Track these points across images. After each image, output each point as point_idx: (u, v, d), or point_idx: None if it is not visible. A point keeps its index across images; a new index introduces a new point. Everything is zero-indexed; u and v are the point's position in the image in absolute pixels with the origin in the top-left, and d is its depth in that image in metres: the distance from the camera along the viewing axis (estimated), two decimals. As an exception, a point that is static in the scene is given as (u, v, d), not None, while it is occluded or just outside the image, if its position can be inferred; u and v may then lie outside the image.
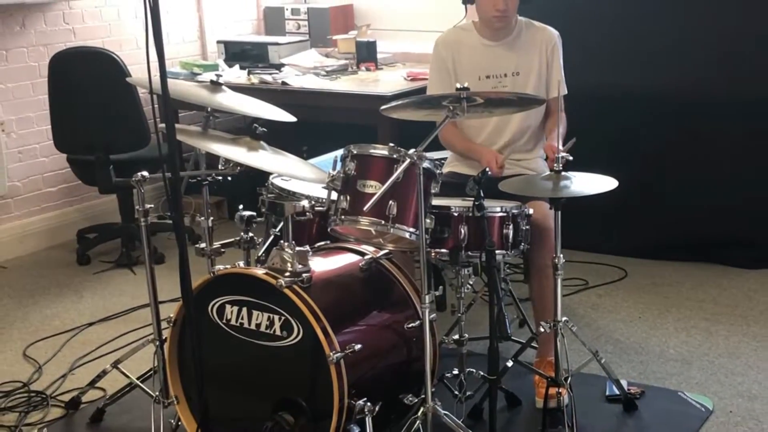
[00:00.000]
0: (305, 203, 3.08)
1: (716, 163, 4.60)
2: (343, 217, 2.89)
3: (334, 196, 2.92)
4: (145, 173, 3.09)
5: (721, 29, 4.53)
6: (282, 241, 2.92)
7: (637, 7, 4.72)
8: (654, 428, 3.19)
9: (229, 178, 3.18)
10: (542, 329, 3.17)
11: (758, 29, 4.46)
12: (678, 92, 4.60)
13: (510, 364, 3.27)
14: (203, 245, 3.17)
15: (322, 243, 3.20)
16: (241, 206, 3.23)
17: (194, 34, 6.01)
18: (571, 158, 3.06)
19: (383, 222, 2.83)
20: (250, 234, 3.18)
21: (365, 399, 2.76)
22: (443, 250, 3.02)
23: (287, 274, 2.81)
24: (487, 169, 3.00)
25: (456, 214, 3.00)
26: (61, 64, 4.80)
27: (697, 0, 4.60)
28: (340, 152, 2.96)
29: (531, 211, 3.18)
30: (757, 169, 4.54)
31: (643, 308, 4.18)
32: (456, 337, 3.18)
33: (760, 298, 4.24)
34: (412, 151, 2.78)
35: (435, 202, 2.94)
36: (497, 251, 3.03)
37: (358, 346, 2.76)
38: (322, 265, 3.00)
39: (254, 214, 3.20)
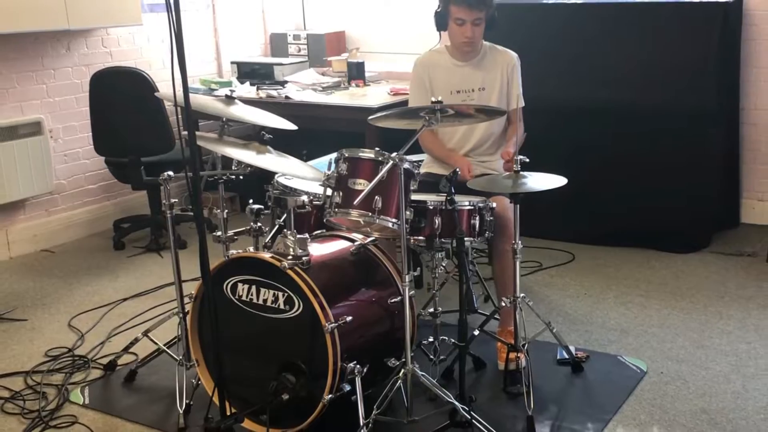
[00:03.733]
0: (305, 198, 3.06)
1: (651, 163, 4.60)
2: (336, 209, 2.89)
3: (329, 192, 2.92)
4: (171, 173, 3.09)
5: (654, 55, 4.56)
6: (285, 230, 2.91)
7: (584, 35, 4.75)
8: (597, 386, 3.20)
9: (241, 177, 3.18)
10: (503, 304, 3.17)
11: (690, 57, 4.50)
12: (619, 103, 4.60)
13: (476, 333, 3.26)
14: (219, 233, 3.17)
15: (319, 231, 3.19)
16: (251, 201, 3.22)
17: (211, 55, 5.98)
18: (527, 160, 3.06)
19: (370, 214, 2.82)
20: (259, 224, 3.18)
21: (355, 362, 2.76)
22: (421, 238, 3.02)
23: (290, 257, 2.80)
24: (458, 170, 3.00)
25: (431, 207, 3.00)
26: (100, 81, 4.78)
27: (632, 31, 4.63)
28: (334, 155, 2.95)
29: (494, 204, 3.18)
30: (684, 169, 4.55)
31: (588, 286, 4.18)
32: (431, 310, 3.19)
33: (686, 277, 4.24)
34: (394, 154, 2.78)
35: (414, 197, 2.94)
36: (466, 238, 3.03)
37: (349, 318, 2.77)
38: (319, 250, 2.99)
39: (262, 207, 3.19)
